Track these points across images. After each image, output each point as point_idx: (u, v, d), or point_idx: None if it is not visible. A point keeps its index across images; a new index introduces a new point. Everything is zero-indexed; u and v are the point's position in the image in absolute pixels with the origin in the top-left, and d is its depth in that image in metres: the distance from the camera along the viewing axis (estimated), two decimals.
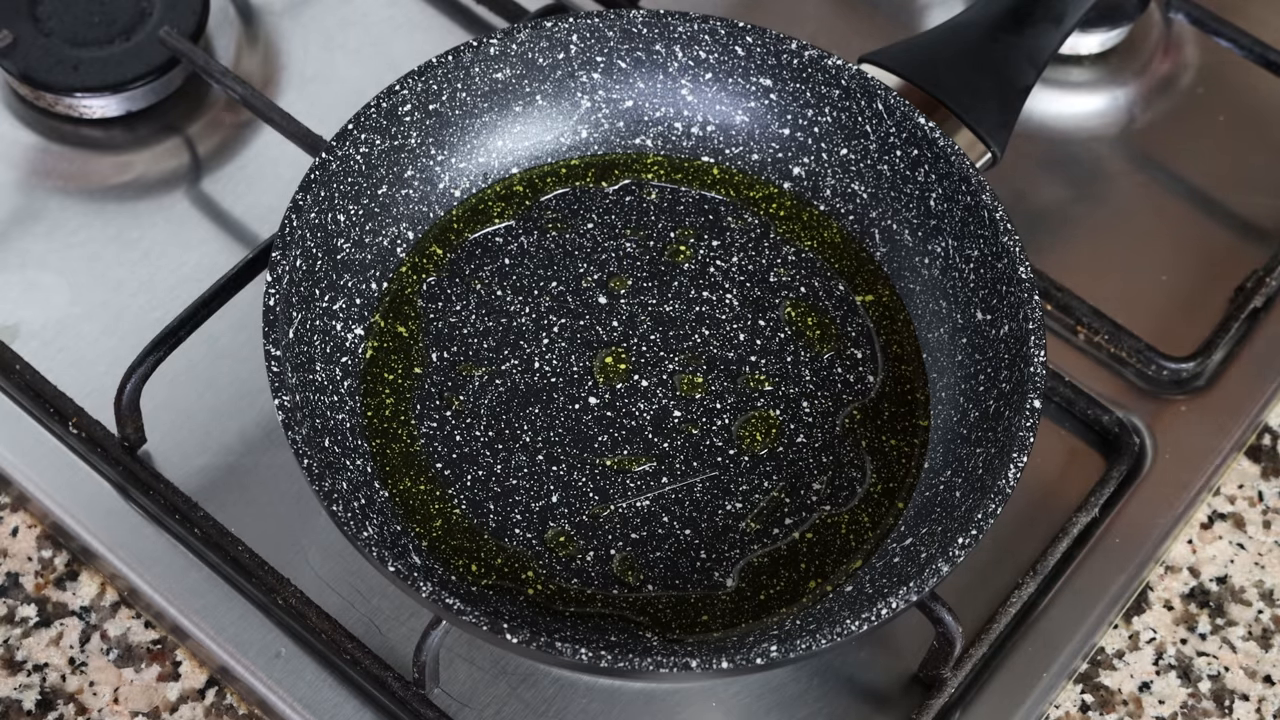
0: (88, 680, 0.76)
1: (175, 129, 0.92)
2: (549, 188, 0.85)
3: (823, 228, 0.84)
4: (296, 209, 0.76)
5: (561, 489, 0.77)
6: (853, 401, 0.80)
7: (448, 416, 0.78)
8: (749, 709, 0.76)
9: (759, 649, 0.66)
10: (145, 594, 0.77)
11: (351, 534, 0.68)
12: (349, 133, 0.78)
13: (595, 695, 0.75)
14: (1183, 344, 0.86)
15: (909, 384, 0.80)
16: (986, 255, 0.78)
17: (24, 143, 0.91)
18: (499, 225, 0.84)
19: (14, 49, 0.90)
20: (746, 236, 0.84)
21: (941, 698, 0.75)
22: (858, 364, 0.81)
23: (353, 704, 0.75)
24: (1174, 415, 0.84)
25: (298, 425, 0.70)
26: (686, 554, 0.76)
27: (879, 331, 0.82)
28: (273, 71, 0.94)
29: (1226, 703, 0.78)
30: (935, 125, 0.80)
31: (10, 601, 0.78)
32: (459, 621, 0.67)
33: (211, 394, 0.82)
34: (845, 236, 0.84)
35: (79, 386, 0.81)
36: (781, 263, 0.83)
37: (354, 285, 0.80)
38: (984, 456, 0.73)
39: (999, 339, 0.76)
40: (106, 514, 0.79)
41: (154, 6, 0.92)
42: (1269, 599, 0.81)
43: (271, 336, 0.73)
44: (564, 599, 0.74)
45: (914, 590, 0.67)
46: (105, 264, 0.87)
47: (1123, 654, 0.79)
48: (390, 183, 0.81)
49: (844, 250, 0.84)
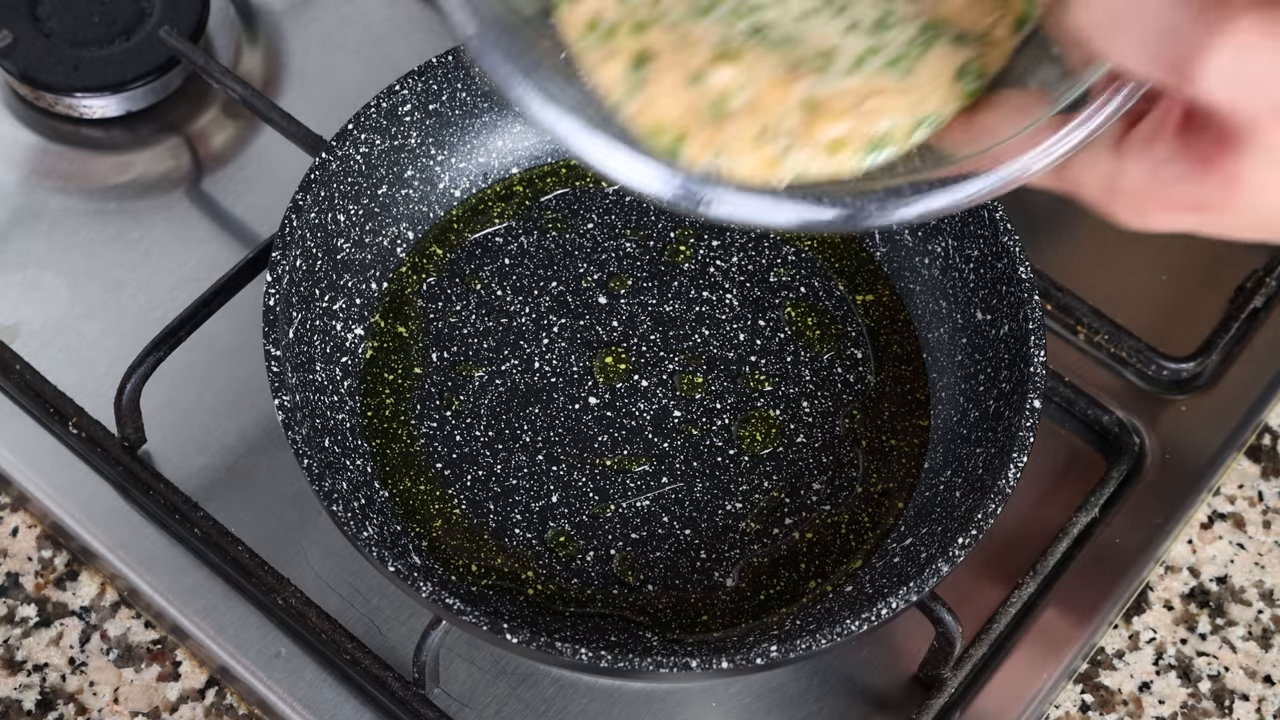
0: (88, 680, 0.76)
1: (175, 129, 0.92)
2: (549, 188, 0.85)
3: None
4: (296, 209, 0.76)
5: (561, 489, 0.77)
6: (853, 401, 0.80)
7: (448, 416, 0.79)
8: (749, 709, 0.76)
9: (759, 649, 0.66)
10: (145, 594, 0.77)
11: (351, 534, 0.68)
12: (349, 133, 0.78)
13: (595, 695, 0.75)
14: (1183, 344, 0.86)
15: (909, 384, 0.80)
16: (986, 255, 0.77)
17: (24, 143, 0.91)
18: (499, 225, 0.84)
19: (14, 49, 0.90)
20: (746, 236, 0.84)
21: (941, 698, 0.75)
22: (858, 364, 0.81)
23: (353, 704, 0.75)
24: (1174, 415, 0.84)
25: (298, 425, 0.70)
26: (686, 554, 0.76)
27: (879, 331, 0.82)
28: (273, 71, 0.94)
29: (1226, 703, 0.78)
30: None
31: (10, 601, 0.78)
32: (459, 621, 0.67)
33: (211, 394, 0.82)
34: (845, 236, 0.84)
35: (79, 386, 0.81)
36: (781, 263, 0.83)
37: (354, 285, 0.80)
38: (984, 456, 0.73)
39: (999, 339, 0.76)
40: (106, 514, 0.79)
41: (154, 6, 0.92)
42: (1269, 599, 0.81)
43: (271, 336, 0.73)
44: (564, 599, 0.74)
45: (914, 590, 0.67)
46: (105, 264, 0.87)
47: (1123, 654, 0.79)
48: (390, 183, 0.81)
49: (844, 250, 0.84)
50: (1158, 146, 0.51)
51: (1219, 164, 0.49)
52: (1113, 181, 0.52)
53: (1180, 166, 0.50)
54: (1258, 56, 0.46)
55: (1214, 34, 0.46)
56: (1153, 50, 0.48)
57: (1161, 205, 0.52)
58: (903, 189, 0.56)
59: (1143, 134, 0.51)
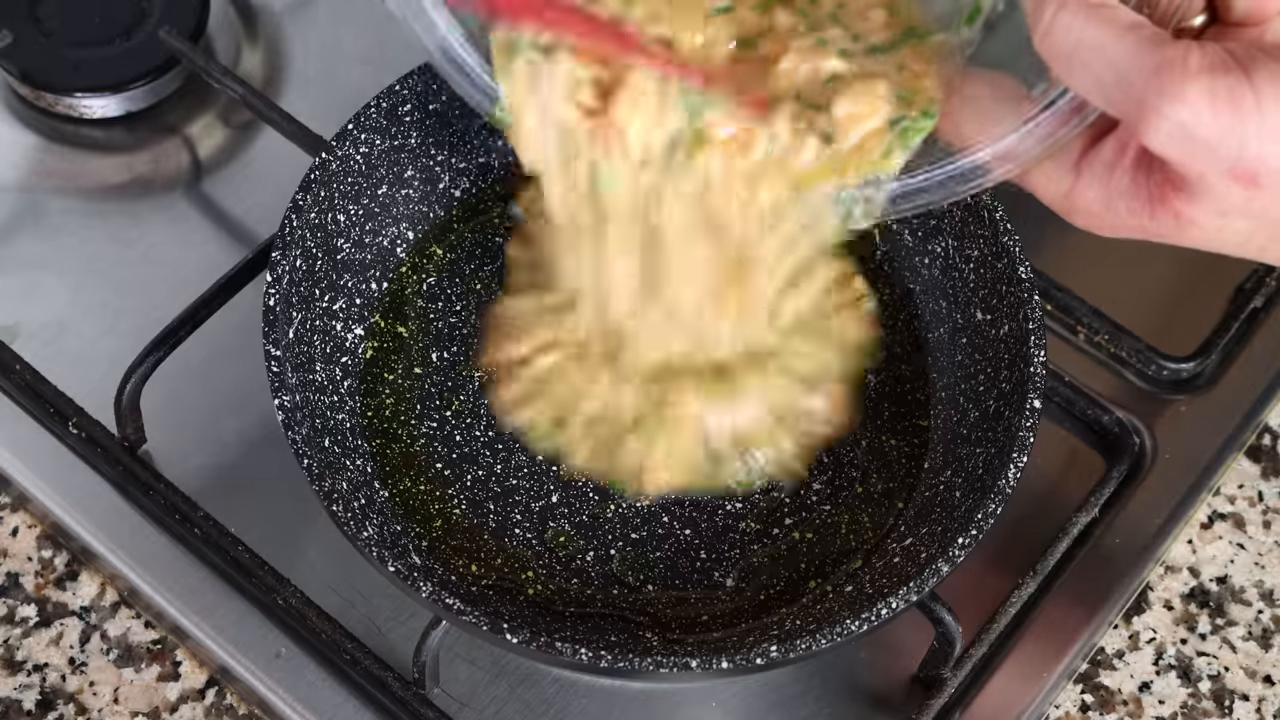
0: (88, 680, 0.76)
1: (175, 129, 0.92)
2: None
3: None
4: (296, 209, 0.76)
5: (561, 489, 0.77)
6: None
7: (448, 416, 0.78)
8: (749, 709, 0.76)
9: (759, 649, 0.66)
10: (145, 594, 0.77)
11: (351, 534, 0.68)
12: (349, 133, 0.78)
13: (595, 695, 0.75)
14: (1183, 344, 0.86)
15: (909, 384, 0.80)
16: (986, 255, 0.77)
17: (24, 143, 0.91)
18: (499, 225, 0.84)
19: (14, 49, 0.90)
20: None
21: (941, 698, 0.75)
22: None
23: (353, 704, 0.75)
24: (1174, 415, 0.84)
25: (298, 425, 0.70)
26: (686, 554, 0.76)
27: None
28: (273, 71, 0.94)
29: (1226, 703, 0.78)
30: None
31: (10, 601, 0.78)
32: (459, 621, 0.67)
33: (211, 394, 0.82)
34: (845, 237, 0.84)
35: (79, 386, 0.81)
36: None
37: (354, 285, 0.80)
38: (984, 456, 0.73)
39: (999, 339, 0.76)
40: (106, 514, 0.79)
41: (154, 6, 0.92)
42: (1269, 599, 0.81)
43: (271, 336, 0.73)
44: (564, 599, 0.74)
45: (914, 590, 0.67)
46: (105, 264, 0.87)
47: (1123, 654, 0.79)
48: (390, 183, 0.81)
49: (844, 250, 0.84)
50: (1115, 176, 0.52)
51: (1170, 204, 0.50)
52: (1069, 198, 0.53)
53: (1133, 201, 0.51)
54: (1204, 122, 0.48)
55: (1164, 98, 0.48)
56: (1108, 94, 0.49)
57: (1114, 228, 0.53)
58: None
59: (1103, 159, 0.52)
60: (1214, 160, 0.48)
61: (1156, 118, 0.48)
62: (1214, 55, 0.48)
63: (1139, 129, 0.49)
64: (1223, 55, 0.48)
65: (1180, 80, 0.48)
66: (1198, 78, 0.48)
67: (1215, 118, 0.48)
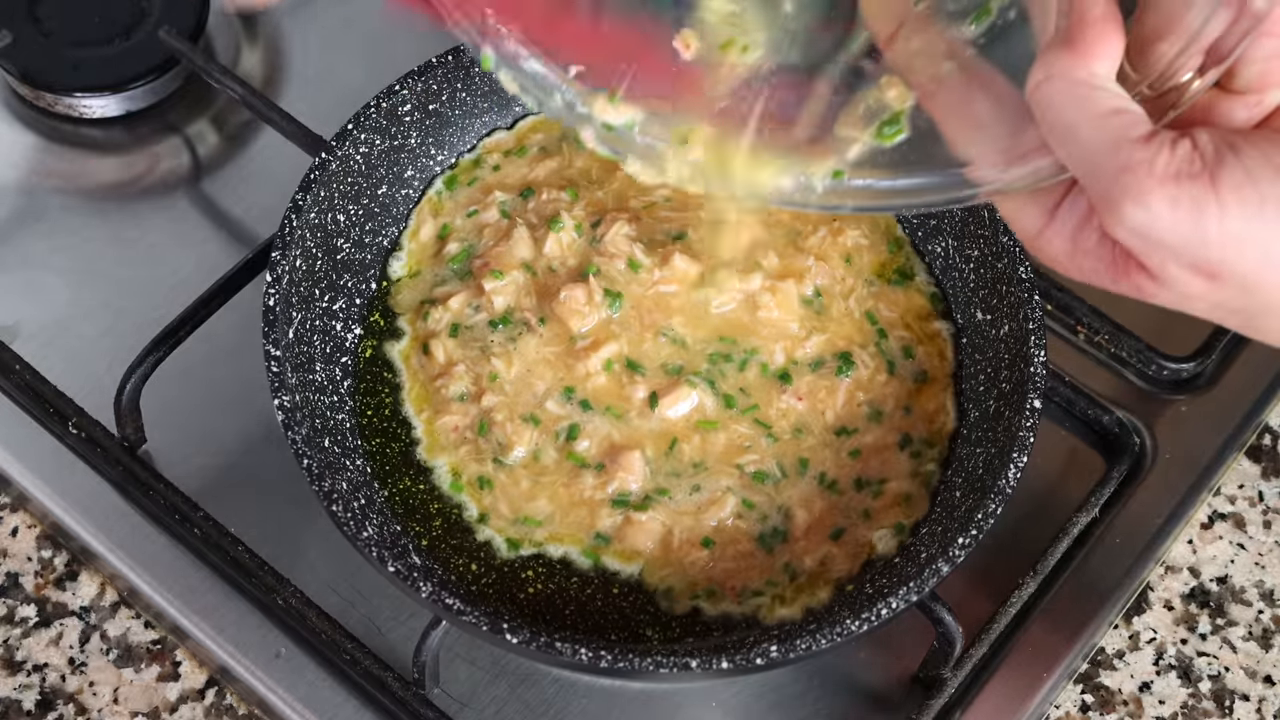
0: (88, 680, 0.76)
1: (175, 129, 0.92)
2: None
3: None
4: (296, 209, 0.76)
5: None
6: None
7: None
8: (749, 709, 0.76)
9: (759, 649, 0.66)
10: (145, 594, 0.77)
11: (351, 534, 0.68)
12: (349, 133, 0.78)
13: (595, 695, 0.75)
14: (1183, 344, 0.86)
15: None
16: (986, 255, 0.77)
17: (24, 143, 0.91)
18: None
19: (14, 49, 0.90)
20: None
21: (941, 698, 0.75)
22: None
23: (353, 704, 0.75)
24: (1174, 415, 0.84)
25: (298, 425, 0.70)
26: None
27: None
28: (273, 71, 0.94)
29: (1226, 703, 0.78)
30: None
31: (10, 601, 0.78)
32: (459, 621, 0.67)
33: (211, 394, 0.82)
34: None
35: (79, 386, 0.81)
36: None
37: (354, 285, 0.80)
38: (984, 456, 0.73)
39: (999, 339, 0.76)
40: (106, 514, 0.79)
41: (154, 6, 0.92)
42: (1269, 599, 0.81)
43: (271, 336, 0.73)
44: (564, 599, 0.74)
45: (914, 590, 0.67)
46: (105, 264, 0.87)
47: (1123, 654, 0.79)
48: (390, 183, 0.81)
49: None
50: (1084, 233, 0.53)
51: (1132, 277, 0.53)
52: (1037, 240, 0.55)
53: (1097, 263, 0.53)
54: (1164, 227, 0.49)
55: (1127, 198, 0.50)
56: (1079, 171, 0.51)
57: (1079, 277, 0.54)
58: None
59: (1078, 210, 0.53)
60: (1175, 257, 0.50)
61: (1121, 215, 0.50)
62: (1182, 160, 0.50)
63: (1103, 218, 0.51)
64: (1191, 158, 0.50)
65: (1145, 184, 0.49)
66: (1163, 184, 0.49)
67: (1176, 224, 0.49)
